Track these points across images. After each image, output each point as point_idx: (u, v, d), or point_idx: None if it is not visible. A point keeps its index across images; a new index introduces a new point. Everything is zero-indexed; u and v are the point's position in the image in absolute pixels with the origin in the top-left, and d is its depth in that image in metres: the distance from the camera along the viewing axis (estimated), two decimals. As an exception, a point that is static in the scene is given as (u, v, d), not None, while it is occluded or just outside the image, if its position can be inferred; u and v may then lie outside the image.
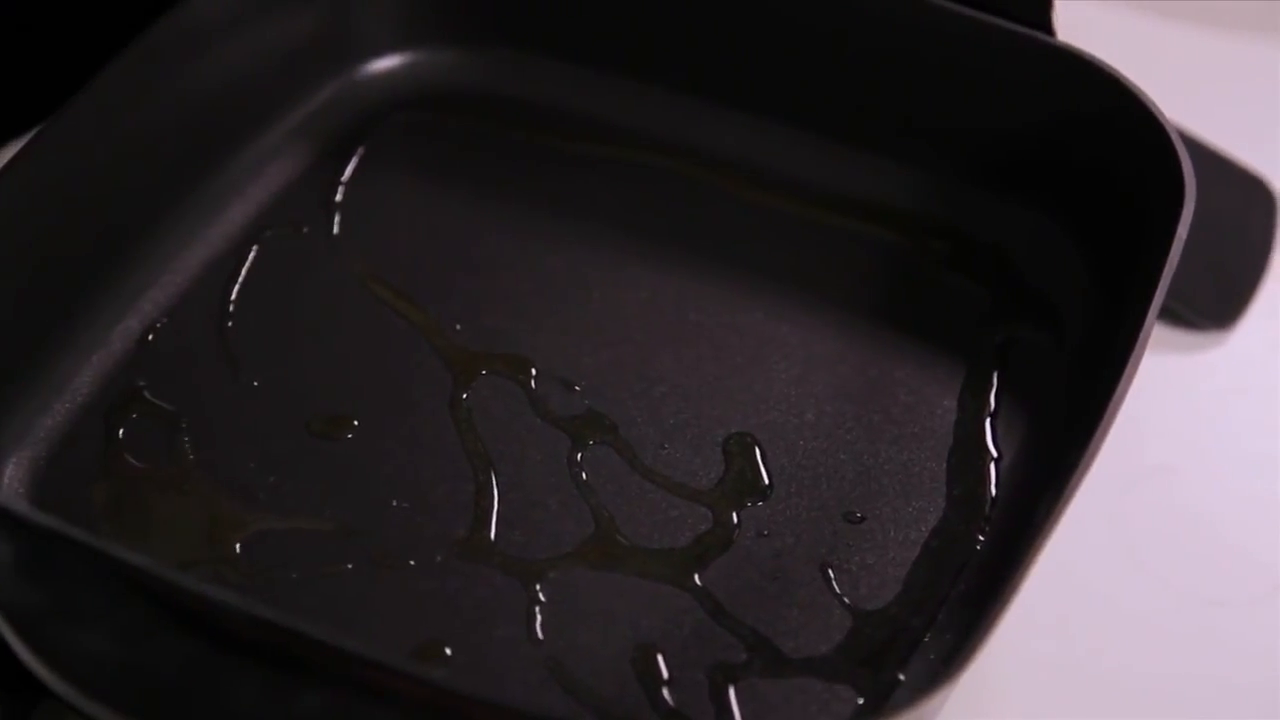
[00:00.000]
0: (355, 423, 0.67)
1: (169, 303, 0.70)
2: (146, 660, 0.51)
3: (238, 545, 0.62)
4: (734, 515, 0.64)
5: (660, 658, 0.60)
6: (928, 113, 0.75)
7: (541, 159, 0.78)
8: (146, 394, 0.67)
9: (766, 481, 0.65)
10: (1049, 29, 0.70)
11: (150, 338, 0.69)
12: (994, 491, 0.65)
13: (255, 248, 0.73)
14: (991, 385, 0.68)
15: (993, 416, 0.67)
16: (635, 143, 0.78)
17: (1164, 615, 0.66)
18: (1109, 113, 0.69)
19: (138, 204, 0.71)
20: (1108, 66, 0.69)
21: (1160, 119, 0.67)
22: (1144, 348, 0.59)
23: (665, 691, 0.59)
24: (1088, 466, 0.57)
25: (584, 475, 0.65)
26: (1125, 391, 0.58)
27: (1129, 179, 0.68)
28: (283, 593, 0.61)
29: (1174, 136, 0.66)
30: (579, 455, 0.66)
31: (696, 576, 0.62)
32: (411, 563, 0.62)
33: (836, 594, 0.62)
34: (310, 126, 0.77)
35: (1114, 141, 0.69)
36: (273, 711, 0.50)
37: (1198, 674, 0.64)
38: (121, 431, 0.66)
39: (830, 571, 0.62)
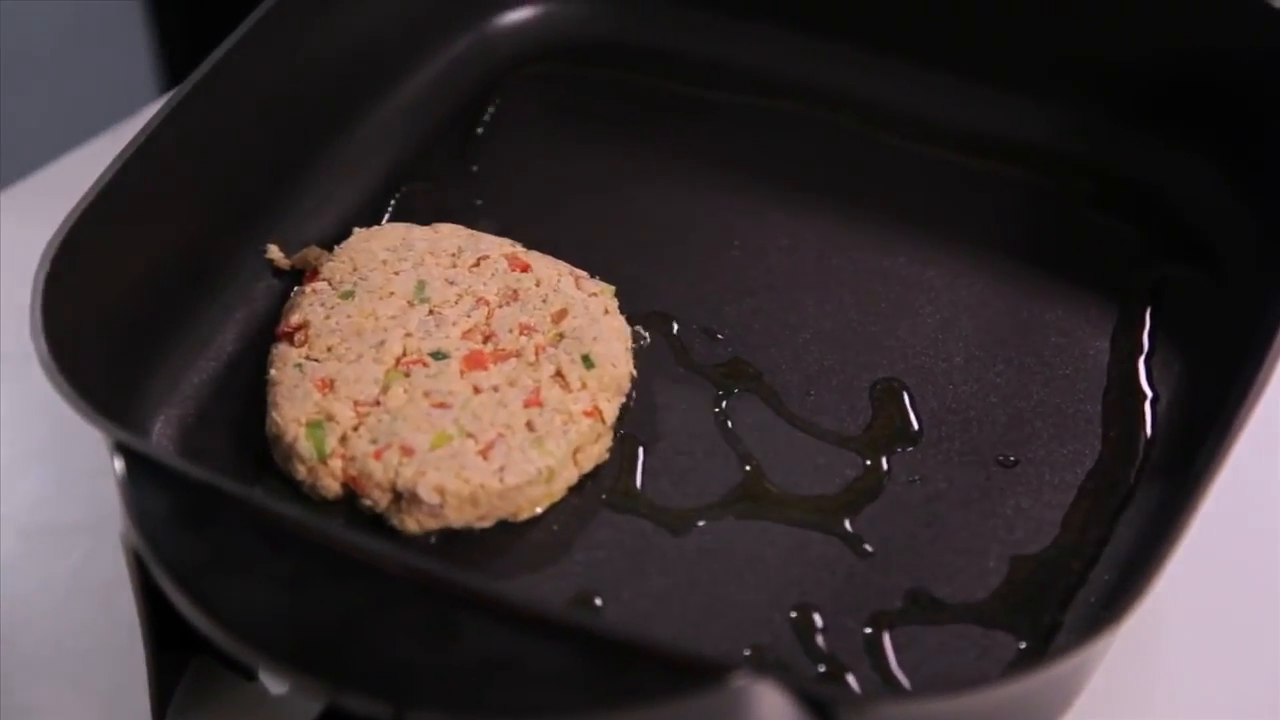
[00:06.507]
0: (498, 375, 0.66)
1: (309, 260, 0.70)
2: (304, 609, 0.51)
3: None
4: (884, 461, 0.63)
5: (814, 605, 0.59)
6: (1072, 49, 0.73)
7: (677, 107, 0.77)
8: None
9: (916, 427, 0.64)
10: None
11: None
12: (1150, 432, 0.63)
13: (392, 203, 0.73)
14: (1144, 325, 0.67)
15: (1147, 357, 0.66)
16: (773, 89, 0.77)
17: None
18: (1270, 46, 0.67)
19: (275, 163, 0.71)
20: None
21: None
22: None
23: (820, 639, 0.58)
24: (1253, 406, 0.55)
25: (729, 423, 0.64)
26: (1292, 328, 0.57)
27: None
28: (426, 545, 0.61)
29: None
30: (724, 403, 0.65)
31: (848, 523, 0.61)
32: (557, 514, 0.62)
33: (992, 538, 0.61)
34: (444, 81, 0.77)
35: (1275, 76, 0.67)
36: (430, 660, 0.50)
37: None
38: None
39: (984, 516, 0.61)
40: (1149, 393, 0.65)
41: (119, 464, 0.53)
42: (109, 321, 0.62)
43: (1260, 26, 0.67)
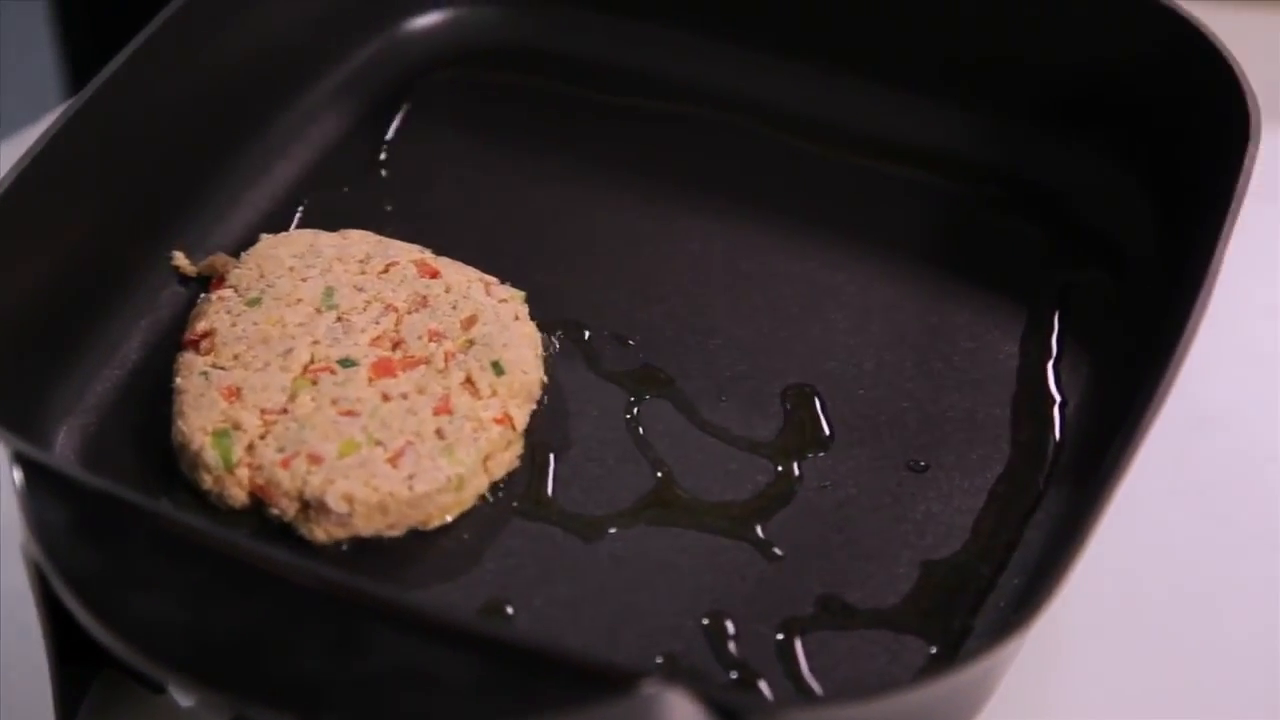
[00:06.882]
0: (408, 382, 0.66)
1: (216, 267, 0.70)
2: (209, 621, 0.50)
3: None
4: (795, 467, 0.63)
5: (725, 612, 0.59)
6: (979, 54, 0.74)
7: (587, 113, 0.77)
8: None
9: (827, 432, 0.64)
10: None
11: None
12: (1059, 436, 0.64)
13: (300, 209, 0.72)
14: (1053, 329, 0.67)
15: (1056, 360, 0.66)
16: (682, 95, 0.77)
17: (1233, 561, 0.64)
18: (1169, 48, 0.68)
19: (181, 169, 0.70)
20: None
21: (1223, 51, 0.65)
22: (1214, 283, 0.58)
23: (731, 645, 0.58)
24: (1158, 409, 0.56)
25: (641, 430, 0.64)
26: (1195, 330, 0.57)
27: (1192, 114, 0.67)
28: (337, 555, 0.60)
29: (1238, 69, 0.64)
30: (636, 409, 0.65)
31: (759, 529, 0.61)
32: (468, 522, 0.61)
33: (903, 544, 0.61)
34: (353, 85, 0.77)
35: (1175, 77, 0.68)
36: (338, 672, 0.50)
37: (1271, 620, 0.63)
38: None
39: (895, 521, 0.61)
40: (1058, 397, 0.65)
41: (18, 474, 0.52)
42: (9, 330, 0.61)
43: (1159, 28, 0.68)
